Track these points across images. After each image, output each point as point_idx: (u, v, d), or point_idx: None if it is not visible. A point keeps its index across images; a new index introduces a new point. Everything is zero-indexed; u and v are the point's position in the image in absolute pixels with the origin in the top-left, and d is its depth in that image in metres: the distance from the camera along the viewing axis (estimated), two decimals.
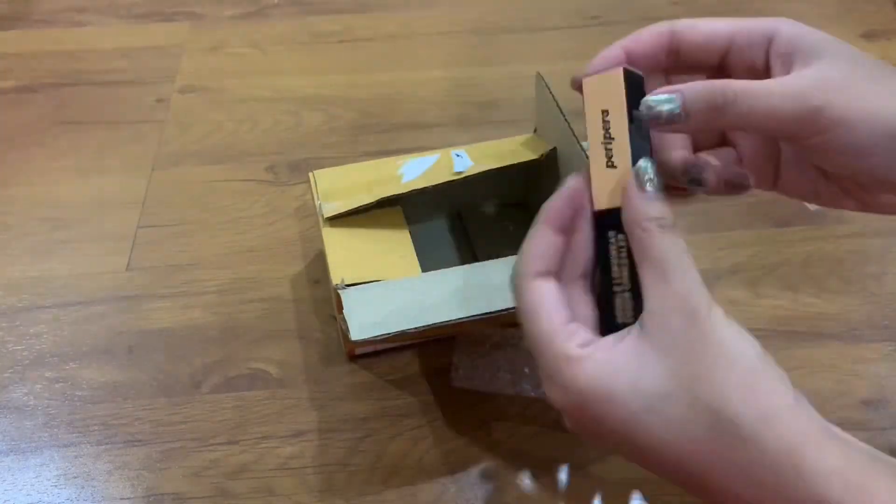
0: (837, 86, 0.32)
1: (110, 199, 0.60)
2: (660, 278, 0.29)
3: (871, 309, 0.52)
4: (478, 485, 0.43)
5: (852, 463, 0.27)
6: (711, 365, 0.28)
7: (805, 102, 0.31)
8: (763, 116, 0.32)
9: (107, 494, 0.43)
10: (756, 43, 0.34)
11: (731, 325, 0.29)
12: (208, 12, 0.80)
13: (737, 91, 0.32)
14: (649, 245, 0.30)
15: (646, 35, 0.35)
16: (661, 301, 0.29)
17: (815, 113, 0.31)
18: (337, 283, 0.43)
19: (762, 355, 0.29)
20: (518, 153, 0.50)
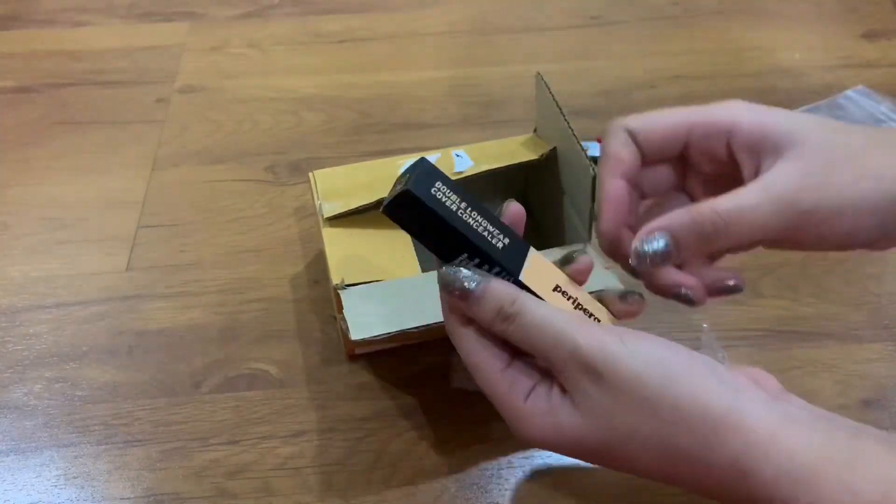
0: (821, 182, 0.32)
1: (110, 199, 0.60)
2: (544, 357, 0.31)
3: (871, 309, 0.52)
4: (478, 485, 0.43)
5: (800, 456, 0.27)
6: (635, 411, 0.29)
7: (795, 208, 0.32)
8: (754, 233, 0.32)
9: (107, 494, 0.43)
10: (714, 136, 0.34)
11: (633, 357, 0.29)
12: (208, 12, 0.80)
13: (724, 217, 0.32)
14: (513, 339, 0.32)
15: (621, 152, 0.35)
16: (561, 371, 0.31)
17: (805, 216, 0.32)
18: (337, 283, 0.43)
19: (678, 365, 0.29)
20: (518, 153, 0.50)
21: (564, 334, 0.30)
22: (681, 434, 0.29)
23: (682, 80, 0.71)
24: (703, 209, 0.32)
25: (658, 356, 0.30)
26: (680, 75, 0.72)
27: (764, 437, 0.28)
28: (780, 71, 0.73)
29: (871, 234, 0.33)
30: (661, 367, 0.29)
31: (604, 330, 0.31)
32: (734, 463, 0.28)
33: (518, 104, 0.69)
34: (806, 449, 0.28)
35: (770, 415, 0.28)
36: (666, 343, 0.30)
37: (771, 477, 0.27)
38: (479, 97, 0.70)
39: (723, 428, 0.28)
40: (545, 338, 0.30)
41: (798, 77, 0.72)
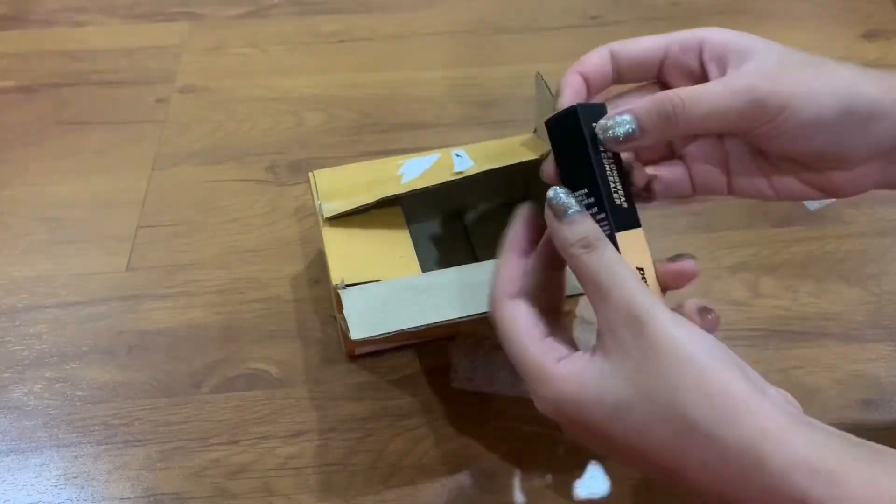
0: (776, 75, 0.34)
1: (110, 199, 0.60)
2: (599, 297, 0.31)
3: (871, 309, 0.52)
4: (478, 485, 0.43)
5: (819, 450, 0.27)
6: (663, 372, 0.29)
7: (750, 94, 0.34)
8: (713, 116, 0.34)
9: (107, 494, 0.43)
10: (689, 49, 0.37)
11: (677, 326, 0.30)
12: (208, 12, 0.80)
13: (684, 98, 0.34)
14: (581, 268, 0.32)
15: (593, 58, 0.38)
16: (606, 317, 0.31)
17: (761, 103, 0.34)
18: (337, 283, 0.43)
19: (713, 349, 0.29)
20: (518, 153, 0.50)
21: (627, 283, 0.31)
22: (701, 406, 0.28)
23: None
24: (663, 93, 0.35)
25: (701, 334, 0.30)
26: None
27: (782, 425, 0.27)
28: None
29: (826, 139, 0.35)
30: (702, 341, 0.29)
31: (662, 300, 0.32)
32: (749, 448, 0.27)
33: (518, 104, 0.69)
34: (824, 443, 0.27)
35: (789, 415, 0.28)
36: (714, 338, 0.31)
37: (787, 466, 0.27)
38: (479, 97, 0.70)
39: (743, 409, 0.28)
40: (610, 277, 0.31)
41: None
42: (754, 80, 0.34)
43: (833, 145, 0.35)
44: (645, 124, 0.35)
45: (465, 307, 0.41)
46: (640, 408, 0.29)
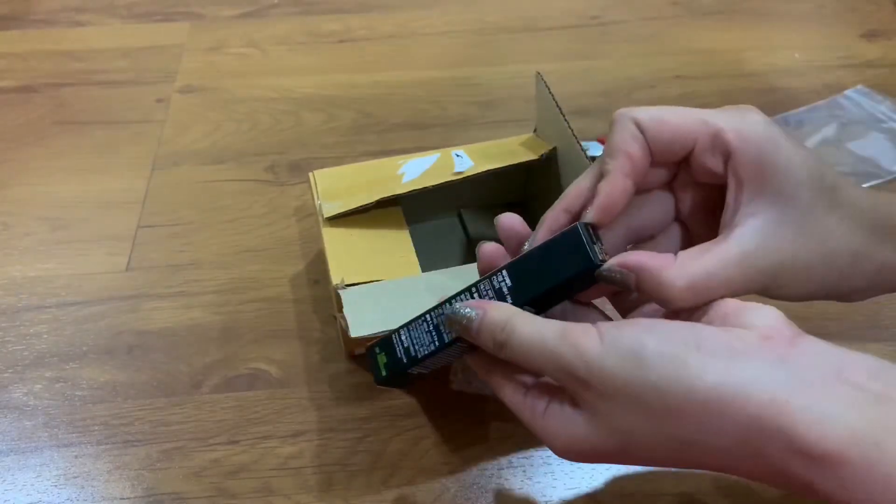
0: (795, 239, 0.32)
1: (110, 199, 0.60)
2: (542, 374, 0.32)
3: (871, 309, 0.52)
4: (477, 485, 0.43)
5: (815, 432, 0.26)
6: (628, 408, 0.29)
7: (756, 280, 0.32)
8: (713, 296, 0.32)
9: (107, 494, 0.43)
10: (717, 153, 0.33)
11: (608, 354, 0.29)
12: (208, 12, 0.80)
13: (680, 287, 0.31)
14: (513, 362, 0.32)
15: (635, 150, 0.33)
16: (563, 386, 0.31)
17: (768, 282, 0.32)
18: (337, 283, 0.43)
19: (649, 349, 0.28)
20: (518, 153, 0.50)
21: (552, 351, 0.30)
22: (676, 424, 0.28)
23: (682, 80, 0.71)
24: (675, 284, 0.31)
25: (629, 346, 0.28)
26: (680, 75, 0.72)
27: (769, 406, 0.26)
28: (780, 71, 0.73)
29: (827, 292, 0.34)
30: (634, 358, 0.28)
31: (584, 331, 0.30)
32: (743, 442, 0.27)
33: (518, 104, 0.69)
34: (822, 422, 0.26)
35: (774, 380, 0.27)
36: (648, 323, 0.29)
37: (784, 454, 0.26)
38: (479, 97, 0.70)
39: (716, 408, 0.27)
40: (537, 358, 0.31)
41: (798, 77, 0.72)
42: (765, 257, 0.32)
43: (836, 290, 0.35)
44: (643, 290, 0.32)
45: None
46: (633, 446, 0.30)
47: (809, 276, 0.33)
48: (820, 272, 0.33)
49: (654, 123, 0.33)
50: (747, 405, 0.27)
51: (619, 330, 0.29)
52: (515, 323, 0.32)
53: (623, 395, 0.29)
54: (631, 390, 0.28)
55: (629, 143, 0.33)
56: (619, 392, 0.29)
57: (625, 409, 0.29)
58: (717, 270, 0.31)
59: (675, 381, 0.28)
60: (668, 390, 0.28)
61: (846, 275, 0.34)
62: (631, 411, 0.29)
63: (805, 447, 0.26)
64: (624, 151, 0.33)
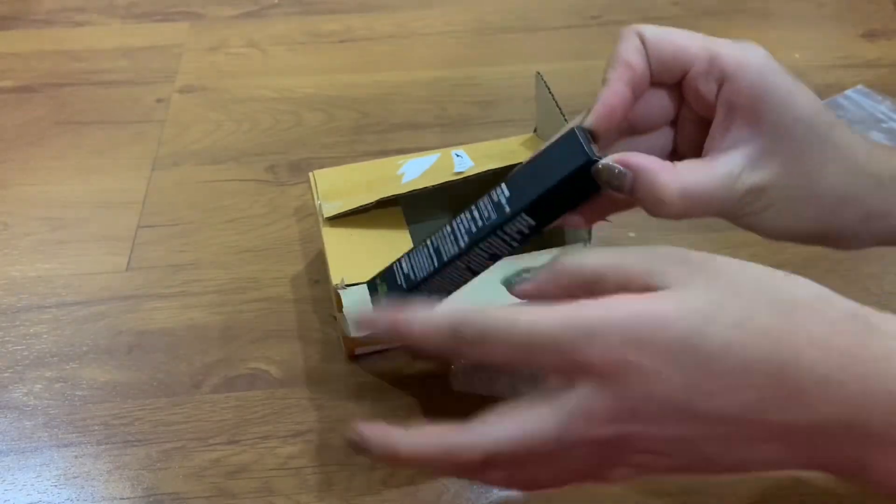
0: (771, 184, 0.33)
1: (110, 199, 0.60)
2: (610, 272, 0.29)
3: None
4: (477, 484, 0.43)
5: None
6: (738, 274, 0.27)
7: (741, 203, 0.33)
8: (705, 212, 0.33)
9: (107, 494, 0.43)
10: (712, 78, 0.33)
11: (713, 256, 0.28)
12: (208, 12, 0.80)
13: (688, 192, 0.32)
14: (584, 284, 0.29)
15: (636, 61, 0.33)
16: (642, 273, 0.28)
17: (747, 212, 0.33)
18: (337, 283, 0.43)
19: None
20: (518, 153, 0.50)
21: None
22: (795, 287, 0.27)
23: None
24: (668, 188, 0.32)
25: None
26: None
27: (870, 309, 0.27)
28: None
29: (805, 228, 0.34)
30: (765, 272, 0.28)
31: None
32: (854, 315, 0.26)
33: (518, 104, 0.69)
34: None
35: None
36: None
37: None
38: (479, 97, 0.70)
39: (830, 294, 0.27)
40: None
41: (798, 77, 0.72)
42: (755, 180, 0.32)
43: (817, 231, 0.35)
44: (639, 192, 0.32)
45: (465, 305, 0.41)
46: (733, 303, 0.26)
47: (795, 211, 0.33)
48: (805, 209, 0.33)
49: (657, 39, 0.34)
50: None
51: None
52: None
53: (736, 266, 0.28)
54: (746, 264, 0.28)
55: (631, 54, 0.33)
56: (732, 264, 0.28)
57: (732, 276, 0.27)
58: (707, 184, 0.32)
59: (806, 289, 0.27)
60: (805, 293, 0.27)
61: (832, 217, 0.34)
62: (743, 275, 0.28)
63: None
64: (624, 61, 0.33)
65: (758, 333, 0.26)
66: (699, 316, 0.26)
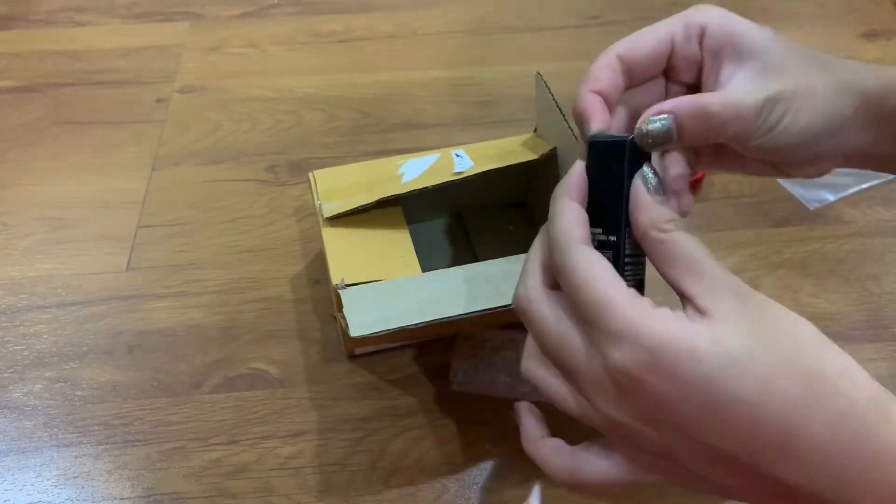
0: (783, 86, 0.34)
1: (110, 199, 0.60)
2: (694, 270, 0.29)
3: (871, 309, 0.52)
4: (477, 485, 0.43)
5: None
6: (783, 329, 0.28)
7: (774, 110, 0.34)
8: (743, 129, 0.34)
9: (107, 494, 0.43)
10: (692, 37, 0.36)
11: (774, 302, 0.29)
12: (208, 12, 0.80)
13: (729, 105, 0.33)
14: (675, 243, 0.30)
15: (603, 71, 0.36)
16: (707, 288, 0.29)
17: (779, 116, 0.34)
18: (337, 283, 0.43)
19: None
20: (518, 153, 0.50)
21: (714, 262, 0.30)
22: (824, 359, 0.27)
23: None
24: (709, 98, 0.33)
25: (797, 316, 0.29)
26: None
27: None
28: None
29: (822, 148, 0.36)
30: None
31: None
32: (877, 405, 0.27)
33: (518, 104, 0.69)
34: None
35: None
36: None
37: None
38: (479, 97, 0.70)
39: (859, 372, 0.27)
40: (703, 252, 0.30)
41: None
42: (770, 90, 0.34)
43: (814, 156, 0.36)
44: (685, 129, 0.33)
45: (466, 305, 0.41)
46: (764, 358, 0.27)
47: (810, 113, 0.35)
48: (817, 109, 0.35)
49: (627, 50, 0.36)
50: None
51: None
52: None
53: (787, 320, 0.28)
54: (798, 319, 0.28)
55: (599, 70, 0.36)
56: (784, 317, 0.28)
57: (776, 328, 0.28)
58: (731, 97, 0.34)
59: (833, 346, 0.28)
60: (827, 342, 0.28)
61: (824, 123, 0.35)
62: (784, 332, 0.28)
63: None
64: (593, 74, 0.36)
65: (776, 396, 0.27)
66: (728, 360, 0.27)
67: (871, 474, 0.26)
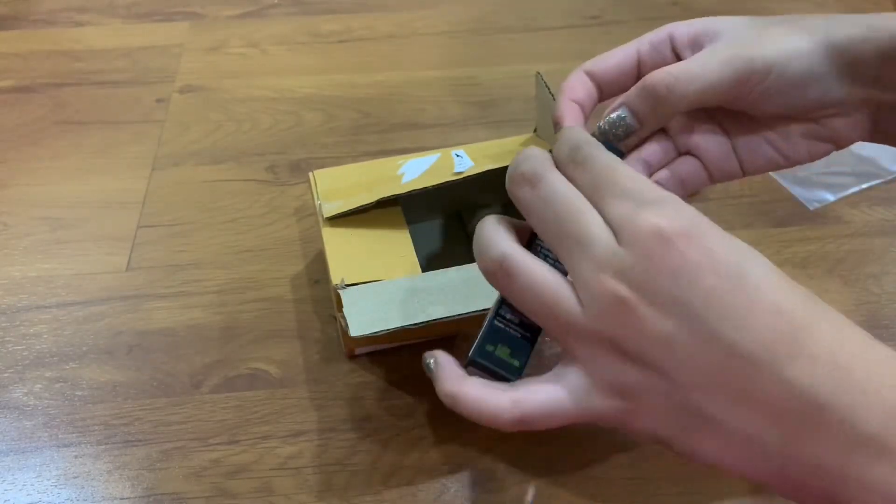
0: (754, 40, 0.35)
1: (110, 199, 0.60)
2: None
3: (871, 309, 0.52)
4: (478, 484, 0.43)
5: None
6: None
7: (737, 59, 0.35)
8: (706, 89, 0.35)
9: (107, 494, 0.43)
10: (660, 45, 0.38)
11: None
12: (208, 12, 0.80)
13: (675, 74, 0.35)
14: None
15: (575, 84, 0.39)
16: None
17: (749, 65, 0.34)
18: (337, 283, 0.43)
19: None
20: None
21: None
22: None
23: None
24: (654, 73, 0.35)
25: None
26: None
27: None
28: None
29: (819, 89, 0.36)
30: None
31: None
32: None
33: (518, 104, 0.69)
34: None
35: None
36: None
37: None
38: (479, 97, 0.70)
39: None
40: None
41: None
42: (735, 48, 0.35)
43: (827, 94, 0.36)
44: (639, 112, 0.35)
45: (466, 305, 0.41)
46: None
47: (804, 69, 0.35)
48: (781, 81, 0.35)
49: (596, 64, 0.39)
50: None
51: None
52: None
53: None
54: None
55: (572, 83, 0.39)
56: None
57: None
58: (698, 61, 0.36)
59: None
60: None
61: (836, 71, 0.35)
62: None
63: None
64: (565, 87, 0.39)
65: (790, 292, 0.29)
66: (752, 251, 0.29)
67: (879, 377, 0.26)
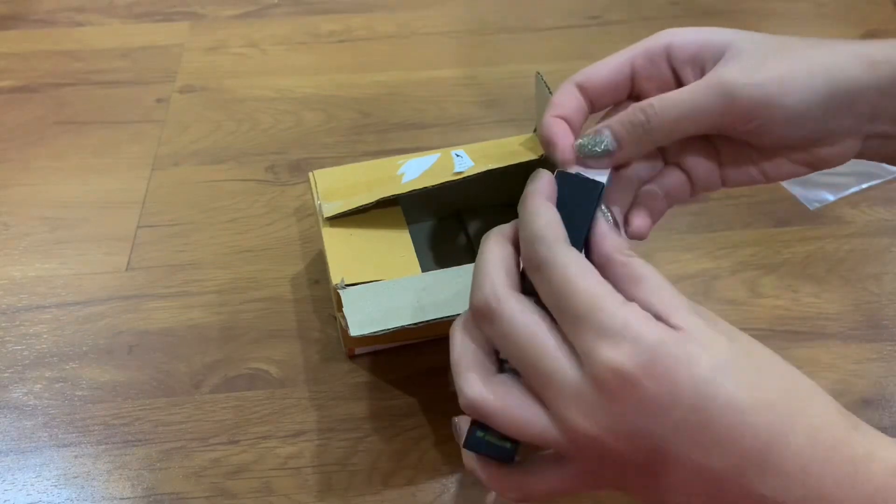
0: (754, 70, 0.33)
1: (110, 199, 0.60)
2: (663, 290, 0.30)
3: (871, 309, 0.52)
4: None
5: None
6: (753, 342, 0.29)
7: (724, 90, 0.33)
8: (689, 120, 0.34)
9: (107, 494, 0.43)
10: (656, 57, 0.36)
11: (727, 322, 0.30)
12: (208, 12, 0.80)
13: (655, 105, 0.34)
14: (639, 265, 0.30)
15: (563, 99, 0.37)
16: (678, 307, 0.29)
17: (736, 99, 0.33)
18: (337, 283, 0.43)
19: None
20: (518, 153, 0.50)
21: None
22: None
23: None
24: (634, 104, 0.34)
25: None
26: None
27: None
28: None
29: (814, 125, 0.34)
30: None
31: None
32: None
33: (518, 104, 0.69)
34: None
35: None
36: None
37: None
38: (479, 97, 0.70)
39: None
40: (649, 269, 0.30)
41: None
42: (730, 77, 0.33)
43: (822, 129, 0.35)
44: (621, 137, 0.35)
45: (465, 304, 0.41)
46: (748, 365, 0.28)
47: (802, 107, 0.34)
48: (786, 99, 0.34)
49: (587, 76, 0.37)
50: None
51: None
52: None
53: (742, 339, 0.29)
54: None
55: (561, 98, 0.37)
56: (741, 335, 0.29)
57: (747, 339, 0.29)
58: (683, 92, 0.34)
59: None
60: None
61: (834, 109, 0.34)
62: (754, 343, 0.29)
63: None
64: (554, 102, 0.37)
65: (761, 404, 0.27)
66: (720, 365, 0.27)
67: (846, 486, 0.26)
